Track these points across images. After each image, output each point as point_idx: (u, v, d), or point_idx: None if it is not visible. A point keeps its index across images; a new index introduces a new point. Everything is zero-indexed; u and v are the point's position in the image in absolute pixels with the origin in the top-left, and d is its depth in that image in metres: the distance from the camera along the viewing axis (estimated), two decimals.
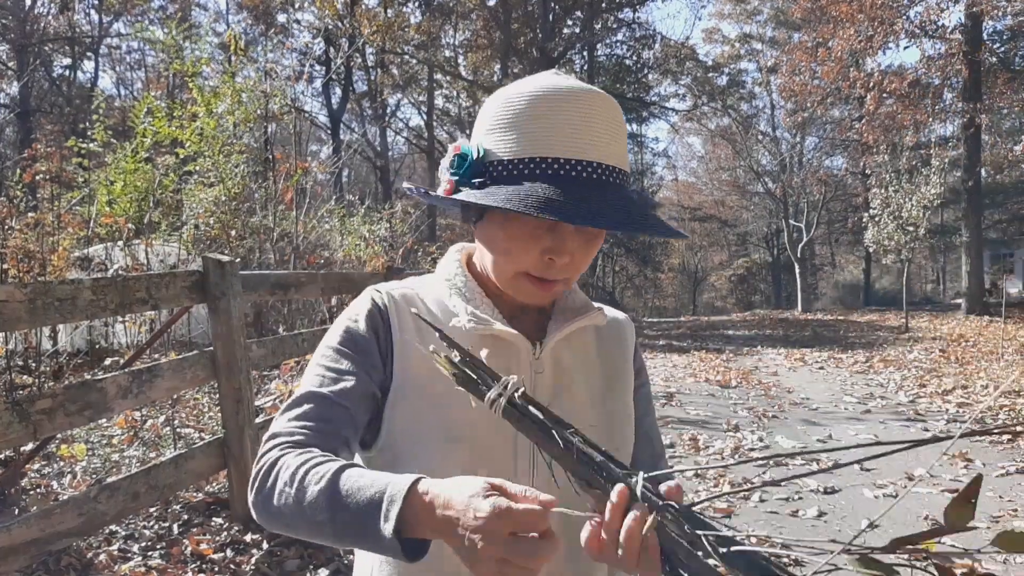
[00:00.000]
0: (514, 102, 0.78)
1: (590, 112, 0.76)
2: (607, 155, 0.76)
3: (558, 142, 0.75)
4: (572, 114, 0.75)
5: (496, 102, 0.80)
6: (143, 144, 6.65)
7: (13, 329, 2.11)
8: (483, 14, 21.68)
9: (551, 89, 0.77)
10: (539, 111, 0.76)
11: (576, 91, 0.77)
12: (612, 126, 0.77)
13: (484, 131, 0.79)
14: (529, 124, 0.76)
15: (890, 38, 16.48)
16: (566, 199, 0.72)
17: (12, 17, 20.14)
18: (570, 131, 0.75)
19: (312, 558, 2.60)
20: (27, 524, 1.94)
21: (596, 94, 0.78)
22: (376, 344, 0.82)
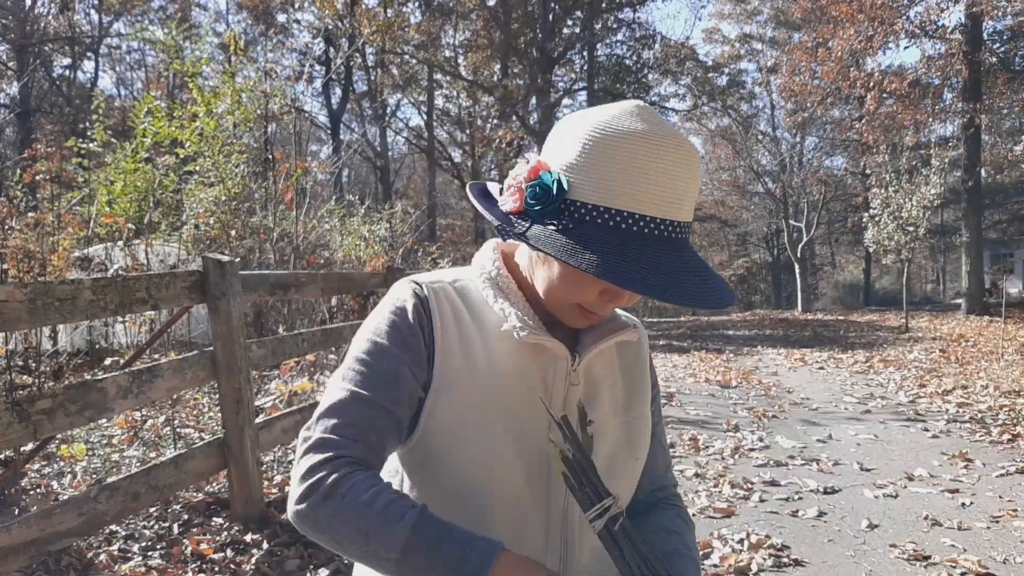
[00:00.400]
0: (605, 138, 0.72)
1: (682, 166, 0.73)
2: (688, 212, 0.75)
3: (648, 197, 0.71)
4: (666, 167, 0.72)
5: (580, 132, 0.74)
6: (143, 144, 6.65)
7: (13, 329, 2.11)
8: (483, 14, 21.67)
9: (648, 134, 0.72)
10: (635, 158, 0.71)
11: (671, 139, 0.73)
12: (695, 180, 0.75)
13: (568, 162, 0.74)
14: (616, 168, 0.72)
15: (890, 38, 16.48)
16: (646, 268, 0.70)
17: (12, 17, 20.14)
18: (662, 187, 0.72)
19: (312, 558, 2.60)
20: (27, 524, 1.94)
21: (687, 144, 0.75)
22: (422, 340, 0.79)
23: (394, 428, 0.78)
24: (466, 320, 0.81)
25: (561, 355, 0.81)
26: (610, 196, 0.72)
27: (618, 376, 0.88)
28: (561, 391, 0.82)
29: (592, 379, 0.85)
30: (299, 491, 0.73)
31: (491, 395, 0.79)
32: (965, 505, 3.33)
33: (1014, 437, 4.59)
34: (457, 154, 23.37)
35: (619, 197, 0.72)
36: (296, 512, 0.73)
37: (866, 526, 3.08)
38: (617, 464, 0.85)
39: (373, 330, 0.81)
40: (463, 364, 0.79)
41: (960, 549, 2.82)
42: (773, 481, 3.74)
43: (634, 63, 24.68)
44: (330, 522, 0.70)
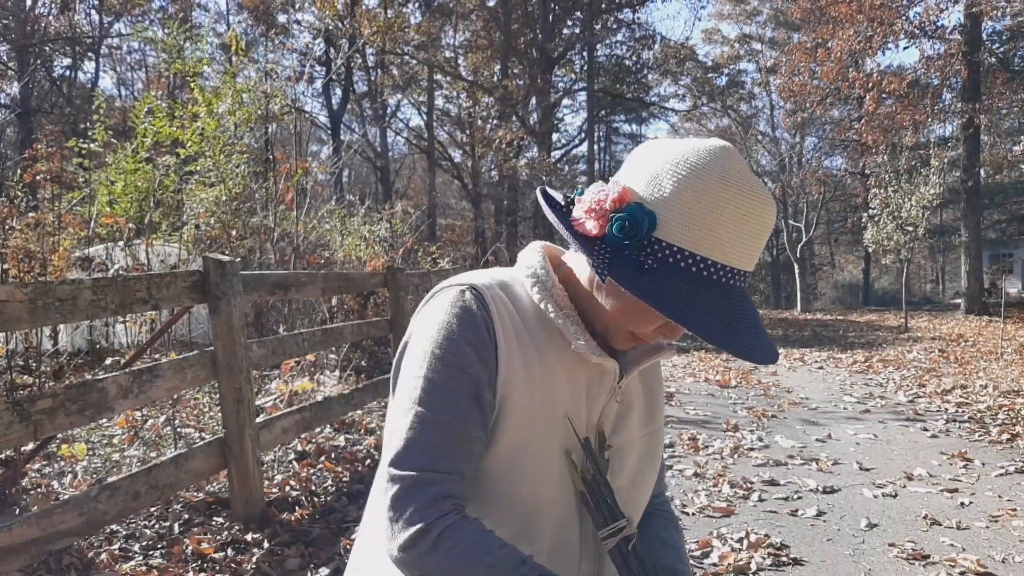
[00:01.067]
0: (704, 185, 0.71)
1: (765, 222, 0.75)
2: (753, 264, 0.77)
3: (735, 249, 0.73)
4: (755, 222, 0.73)
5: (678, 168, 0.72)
6: (144, 144, 6.66)
7: (14, 329, 2.12)
8: (483, 14, 21.68)
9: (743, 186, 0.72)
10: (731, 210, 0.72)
11: (761, 194, 0.74)
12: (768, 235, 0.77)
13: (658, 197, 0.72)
14: (717, 219, 0.71)
15: (889, 38, 16.49)
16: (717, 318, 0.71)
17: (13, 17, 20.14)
18: (749, 241, 0.74)
19: (312, 557, 2.61)
20: (28, 524, 1.95)
21: (769, 200, 0.76)
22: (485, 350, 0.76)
23: (481, 450, 0.76)
24: (521, 329, 0.79)
25: (612, 371, 0.82)
26: (699, 243, 0.72)
27: (641, 391, 0.90)
28: (601, 405, 0.82)
29: (627, 395, 0.86)
30: (403, 537, 0.71)
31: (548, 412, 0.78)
32: (964, 505, 3.33)
33: (1013, 437, 4.60)
34: (457, 154, 23.38)
35: (708, 246, 0.72)
36: (400, 559, 0.72)
37: (865, 525, 3.08)
38: (640, 476, 0.87)
39: (441, 343, 0.75)
40: (524, 379, 0.77)
41: (959, 548, 2.82)
42: (772, 480, 3.75)
43: (634, 63, 24.69)
44: (444, 570, 0.70)
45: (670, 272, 0.71)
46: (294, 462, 3.62)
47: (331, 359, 5.71)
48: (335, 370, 5.39)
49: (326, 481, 3.40)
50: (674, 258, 0.71)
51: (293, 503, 3.08)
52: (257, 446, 2.85)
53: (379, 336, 4.80)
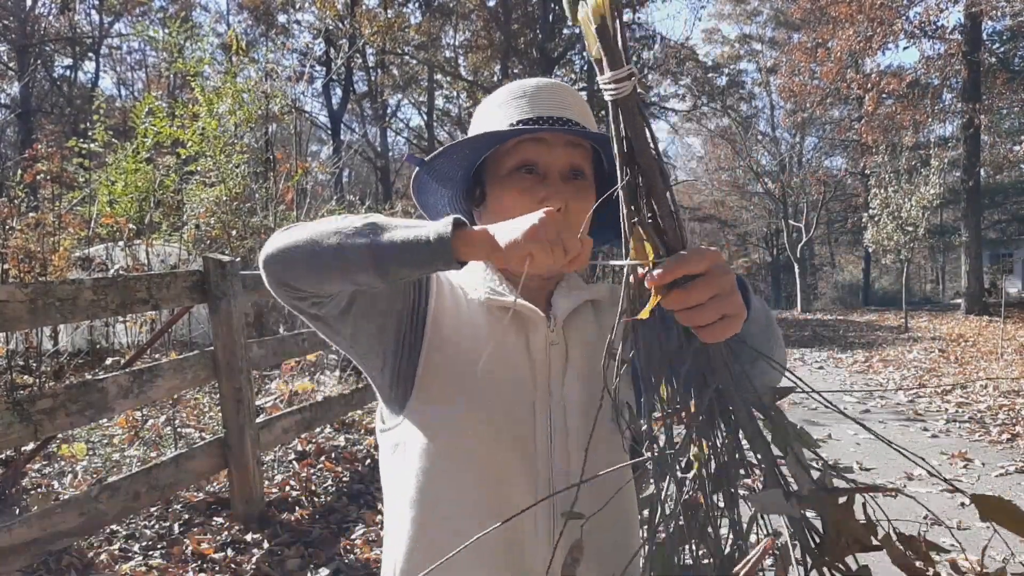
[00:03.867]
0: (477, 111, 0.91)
1: (537, 85, 0.87)
2: (563, 111, 0.85)
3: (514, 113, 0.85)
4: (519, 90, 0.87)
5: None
6: (144, 144, 6.66)
7: (14, 329, 2.12)
8: (483, 15, 21.69)
9: (513, 84, 0.89)
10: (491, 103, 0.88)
11: (523, 81, 0.88)
12: (564, 94, 0.87)
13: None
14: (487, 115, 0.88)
15: (889, 38, 16.49)
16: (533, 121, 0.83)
17: (13, 17, 20.15)
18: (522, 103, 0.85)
19: (313, 557, 2.61)
20: (28, 524, 1.95)
21: (546, 80, 0.89)
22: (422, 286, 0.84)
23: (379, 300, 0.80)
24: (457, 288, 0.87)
25: (538, 318, 0.84)
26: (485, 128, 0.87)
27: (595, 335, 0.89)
28: (543, 351, 0.84)
29: (571, 339, 0.86)
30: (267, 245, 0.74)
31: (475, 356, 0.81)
32: (964, 504, 3.33)
33: (1013, 437, 4.60)
34: None
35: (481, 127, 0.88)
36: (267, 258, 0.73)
37: None
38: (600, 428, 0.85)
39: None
40: (454, 327, 0.83)
41: (959, 548, 2.82)
42: None
43: (634, 63, 24.69)
44: (297, 241, 0.71)
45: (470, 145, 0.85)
46: (294, 462, 3.62)
47: (331, 359, 5.72)
48: (335, 370, 5.39)
49: (326, 481, 3.40)
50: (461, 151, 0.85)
51: (293, 503, 3.08)
52: (257, 446, 2.85)
53: None
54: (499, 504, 0.78)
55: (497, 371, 0.81)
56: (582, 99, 0.89)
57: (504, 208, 0.83)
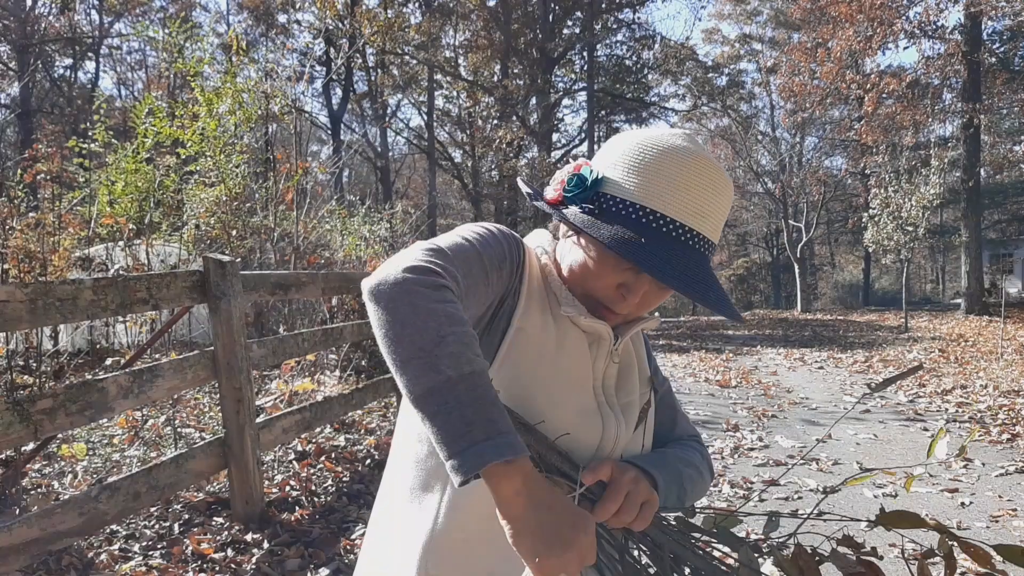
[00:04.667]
0: (648, 149, 0.81)
1: (713, 187, 0.81)
2: (710, 229, 0.82)
3: (677, 202, 0.79)
4: (698, 181, 0.80)
5: (630, 141, 0.83)
6: (144, 144, 6.66)
7: (14, 329, 2.11)
8: (483, 15, 21.68)
9: (687, 151, 0.81)
10: (669, 166, 0.80)
11: (708, 161, 0.81)
12: (725, 204, 0.83)
13: (609, 163, 0.83)
14: (656, 175, 0.80)
15: (889, 38, 16.49)
16: (659, 256, 0.76)
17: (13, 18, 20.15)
18: (691, 197, 0.80)
19: (313, 557, 2.61)
20: (28, 524, 1.95)
21: (722, 171, 0.83)
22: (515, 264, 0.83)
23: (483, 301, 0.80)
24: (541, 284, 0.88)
25: (607, 336, 0.88)
26: (639, 195, 0.80)
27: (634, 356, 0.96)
28: (602, 368, 0.90)
29: (625, 359, 0.94)
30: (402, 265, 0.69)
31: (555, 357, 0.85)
32: (965, 504, 3.33)
33: (1013, 437, 4.60)
34: (457, 154, 23.39)
35: (647, 197, 0.79)
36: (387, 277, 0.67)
37: (865, 526, 3.08)
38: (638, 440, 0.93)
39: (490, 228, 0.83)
40: (540, 319, 0.85)
41: (959, 549, 2.82)
42: (773, 480, 3.75)
43: (634, 63, 24.69)
44: (417, 304, 0.65)
45: (612, 217, 0.79)
46: (294, 462, 3.62)
47: (331, 359, 5.72)
48: (335, 370, 5.39)
49: (326, 481, 3.40)
50: (616, 207, 0.80)
51: (293, 503, 3.08)
52: (257, 446, 2.85)
53: None
54: None
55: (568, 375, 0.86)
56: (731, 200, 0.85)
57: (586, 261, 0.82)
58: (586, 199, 0.81)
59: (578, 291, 0.86)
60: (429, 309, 0.66)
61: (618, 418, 0.89)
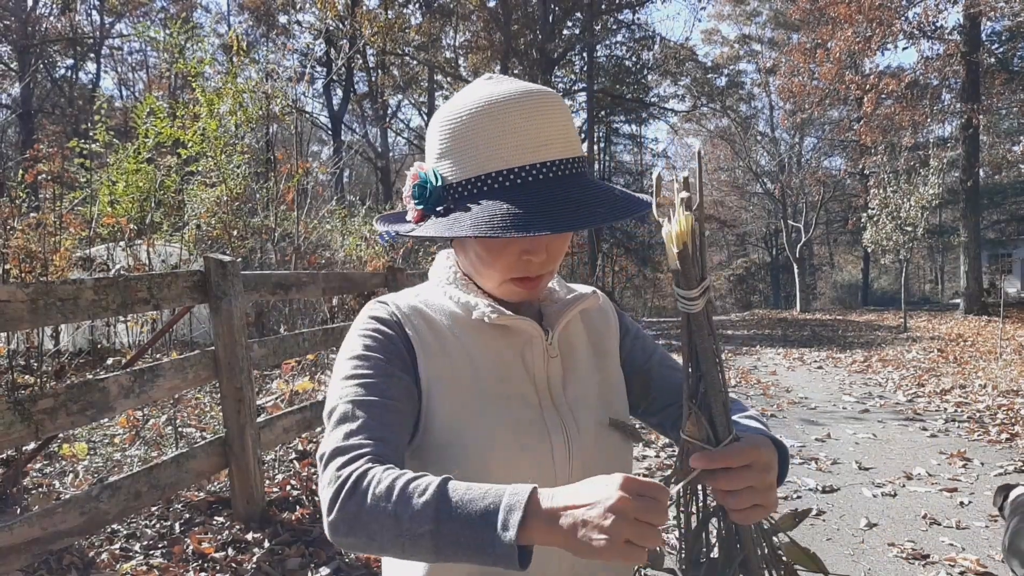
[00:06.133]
0: (453, 122, 0.78)
1: (531, 113, 0.76)
2: (560, 149, 0.77)
3: (507, 153, 0.75)
4: (513, 121, 0.75)
5: (437, 125, 0.80)
6: (145, 145, 6.66)
7: (15, 329, 2.12)
8: (483, 15, 21.70)
9: (486, 100, 0.77)
10: (479, 126, 0.76)
11: (512, 96, 0.76)
12: (557, 120, 0.77)
13: (435, 157, 0.80)
14: (472, 142, 0.76)
15: (888, 39, 16.51)
16: (527, 210, 0.73)
17: (14, 18, 20.16)
18: (515, 139, 0.75)
19: (313, 557, 2.61)
20: (29, 523, 1.96)
21: (532, 93, 0.77)
22: (401, 346, 0.81)
23: (404, 422, 0.78)
24: (436, 322, 0.84)
25: (534, 332, 0.84)
26: (473, 168, 0.76)
27: (586, 341, 0.92)
28: (542, 366, 0.85)
29: (567, 349, 0.89)
30: (327, 501, 0.70)
31: (476, 384, 0.81)
32: (963, 504, 3.34)
33: (1012, 436, 4.60)
34: None
35: (481, 165, 0.76)
36: (330, 524, 0.70)
37: (865, 525, 3.09)
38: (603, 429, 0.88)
39: (352, 349, 0.81)
40: (444, 361, 0.82)
41: (959, 548, 2.83)
42: None
43: (634, 64, 24.70)
44: (359, 517, 0.68)
45: (463, 204, 0.76)
46: (295, 461, 3.62)
47: (332, 358, 5.72)
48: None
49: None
50: (465, 192, 0.77)
51: (294, 502, 3.09)
52: (258, 445, 2.86)
53: None
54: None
55: (499, 387, 0.82)
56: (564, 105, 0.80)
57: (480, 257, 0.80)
58: (437, 201, 0.78)
59: (493, 286, 0.83)
60: (369, 510, 0.67)
61: (564, 420, 0.84)
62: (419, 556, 0.67)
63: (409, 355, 0.81)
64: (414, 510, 0.65)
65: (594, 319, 0.95)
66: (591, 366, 0.91)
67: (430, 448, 0.81)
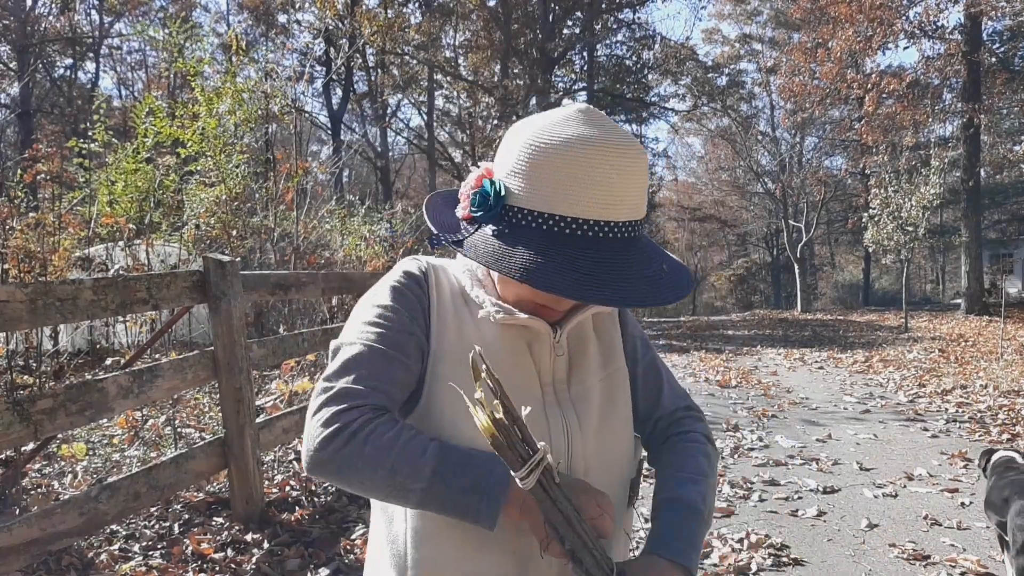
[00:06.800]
0: (537, 147, 0.75)
1: (619, 170, 0.74)
2: (628, 212, 0.76)
3: (580, 201, 0.73)
4: (600, 170, 0.73)
5: (521, 140, 0.77)
6: (144, 144, 6.65)
7: (14, 329, 2.12)
8: (483, 15, 21.68)
9: (577, 139, 0.74)
10: (562, 163, 0.73)
11: (606, 144, 0.74)
12: (636, 180, 0.76)
13: (507, 171, 0.78)
14: (551, 177, 0.74)
15: (889, 38, 16.50)
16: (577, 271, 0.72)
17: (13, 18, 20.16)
18: (597, 190, 0.73)
19: (313, 557, 2.61)
20: (28, 524, 1.95)
21: (625, 145, 0.75)
22: (421, 307, 0.84)
23: (410, 379, 0.82)
24: (459, 300, 0.87)
25: (543, 330, 0.85)
26: (544, 201, 0.74)
27: (592, 339, 0.93)
28: (548, 362, 0.87)
29: (575, 349, 0.90)
30: (320, 436, 0.74)
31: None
32: (964, 505, 3.33)
33: (1013, 437, 4.60)
34: (457, 154, 23.38)
35: (552, 202, 0.74)
36: (316, 459, 0.74)
37: (865, 525, 3.08)
38: (607, 421, 0.89)
39: (379, 294, 0.85)
40: (457, 339, 0.84)
41: (959, 549, 2.82)
42: (772, 481, 3.75)
43: (634, 63, 24.69)
44: (354, 463, 0.73)
45: (521, 233, 0.75)
46: (294, 462, 3.62)
47: None
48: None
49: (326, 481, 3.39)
50: (525, 220, 0.75)
51: (293, 503, 3.08)
52: (257, 446, 2.85)
53: None
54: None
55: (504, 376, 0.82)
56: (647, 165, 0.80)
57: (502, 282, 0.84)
58: (493, 217, 0.76)
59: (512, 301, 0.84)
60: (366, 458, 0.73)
61: (566, 415, 0.85)
62: (399, 503, 0.77)
63: (426, 319, 0.84)
64: (412, 466, 0.72)
65: (604, 321, 0.96)
66: (597, 365, 0.92)
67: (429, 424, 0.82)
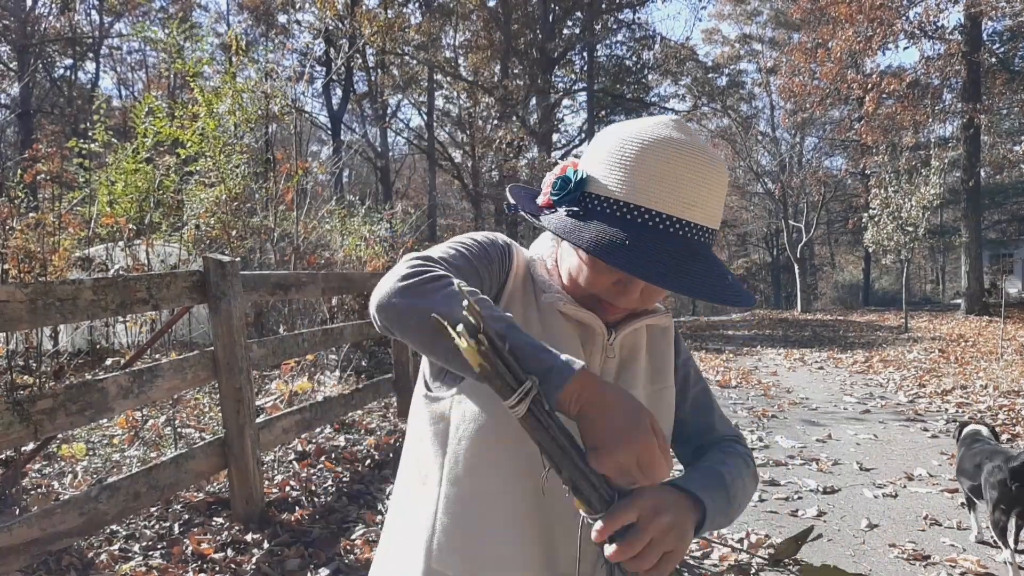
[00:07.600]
0: (627, 143, 0.79)
1: (702, 173, 0.78)
2: (704, 217, 0.79)
3: (663, 195, 0.77)
4: (684, 171, 0.77)
5: (613, 136, 0.82)
6: (144, 144, 6.65)
7: (14, 329, 2.12)
8: (483, 15, 21.69)
9: (666, 140, 0.78)
10: (652, 159, 0.77)
11: (693, 149, 0.78)
12: (715, 188, 0.79)
13: (595, 161, 0.82)
14: (636, 169, 0.78)
15: (889, 39, 16.50)
16: (646, 253, 0.74)
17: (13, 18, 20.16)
18: (677, 188, 0.77)
19: (313, 557, 2.61)
20: (28, 524, 1.95)
21: (712, 155, 0.80)
22: (501, 266, 0.87)
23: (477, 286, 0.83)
24: (528, 282, 0.90)
25: (598, 329, 0.87)
26: (625, 192, 0.78)
27: (644, 355, 0.94)
28: (598, 362, 0.88)
29: (625, 354, 0.91)
30: (408, 269, 0.76)
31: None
32: (964, 505, 3.33)
33: (1013, 437, 4.60)
34: (457, 154, 23.38)
35: (634, 193, 0.77)
36: (396, 288, 0.74)
37: (866, 526, 3.08)
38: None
39: (473, 236, 0.88)
40: (521, 312, 0.87)
41: (959, 549, 2.82)
42: (773, 481, 3.75)
43: (634, 64, 24.70)
44: (432, 296, 0.73)
45: (595, 216, 0.78)
46: (294, 462, 3.62)
47: (331, 359, 5.72)
48: (335, 370, 5.40)
49: (326, 481, 3.40)
50: (601, 207, 0.79)
51: (293, 503, 3.08)
52: (257, 446, 2.85)
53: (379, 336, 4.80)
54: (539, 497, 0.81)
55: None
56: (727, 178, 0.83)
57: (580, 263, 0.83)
58: (572, 201, 0.80)
59: (580, 293, 0.85)
60: (444, 295, 0.72)
61: None
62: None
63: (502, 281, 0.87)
64: (490, 310, 0.71)
65: (657, 336, 0.96)
66: (646, 379, 0.93)
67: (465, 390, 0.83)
